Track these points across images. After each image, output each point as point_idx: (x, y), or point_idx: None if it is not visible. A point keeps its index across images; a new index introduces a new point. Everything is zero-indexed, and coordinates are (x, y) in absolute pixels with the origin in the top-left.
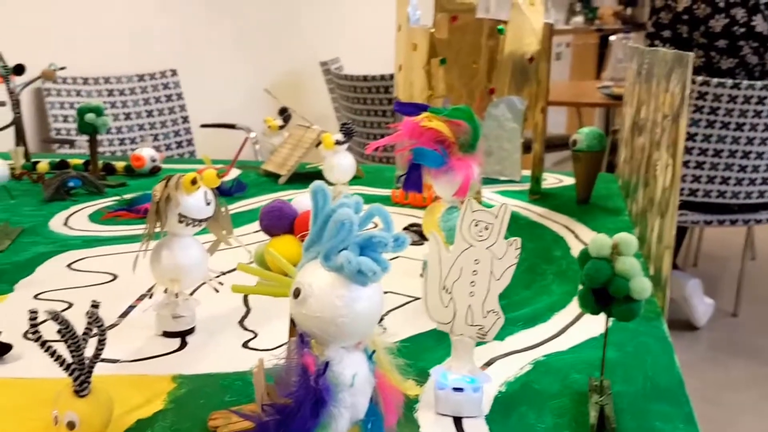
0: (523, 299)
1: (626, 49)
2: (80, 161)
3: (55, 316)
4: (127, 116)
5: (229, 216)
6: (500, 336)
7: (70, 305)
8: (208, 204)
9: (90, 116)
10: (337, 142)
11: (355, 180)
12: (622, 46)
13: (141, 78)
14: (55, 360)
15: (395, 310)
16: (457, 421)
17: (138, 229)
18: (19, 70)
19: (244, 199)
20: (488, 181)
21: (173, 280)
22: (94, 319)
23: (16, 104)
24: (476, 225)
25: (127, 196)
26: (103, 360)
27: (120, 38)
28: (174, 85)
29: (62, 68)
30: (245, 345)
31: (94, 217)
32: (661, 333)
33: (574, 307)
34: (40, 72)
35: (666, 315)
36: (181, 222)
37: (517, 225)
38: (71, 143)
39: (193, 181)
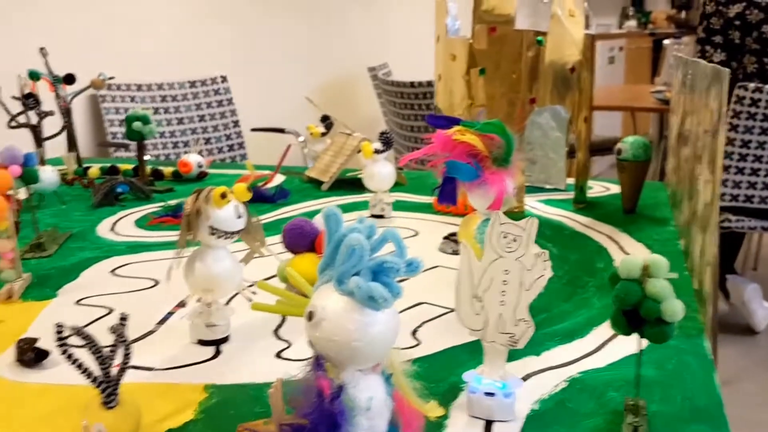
0: (562, 313)
1: (673, 57)
2: (130, 166)
3: (78, 331)
4: (180, 121)
5: (261, 227)
6: (536, 351)
7: (111, 311)
8: (239, 217)
9: (137, 124)
10: (376, 151)
11: (398, 187)
12: (674, 51)
13: (192, 84)
14: (82, 372)
15: (430, 322)
16: (489, 425)
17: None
18: (69, 79)
19: (287, 205)
20: (533, 189)
21: (206, 290)
22: (118, 335)
23: (67, 112)
24: (504, 237)
25: (172, 202)
26: (136, 368)
27: (172, 46)
28: (224, 90)
29: (111, 78)
30: (278, 355)
31: (140, 223)
32: (702, 351)
33: None
34: (89, 81)
35: (709, 331)
36: (212, 234)
37: (561, 235)
38: (125, 146)
39: (223, 195)
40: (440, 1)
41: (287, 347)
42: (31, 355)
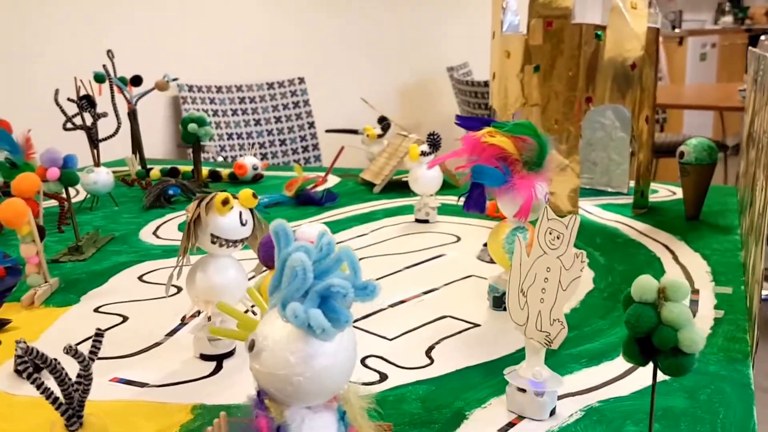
0: (594, 331)
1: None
2: (189, 168)
3: (30, 351)
4: (257, 122)
5: (269, 230)
6: (558, 374)
7: (125, 319)
8: (244, 224)
9: (192, 126)
10: (423, 153)
11: (450, 189)
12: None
13: (270, 86)
14: (42, 393)
15: (449, 339)
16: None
17: None
18: (136, 81)
19: (334, 208)
20: (593, 193)
21: (207, 301)
22: (74, 355)
23: (132, 114)
24: (550, 233)
25: None
26: (131, 383)
27: (252, 48)
28: (301, 92)
29: (175, 79)
30: None
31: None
32: (744, 379)
33: None
34: (154, 83)
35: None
36: (214, 243)
37: (612, 243)
38: (202, 148)
39: (225, 201)
40: None
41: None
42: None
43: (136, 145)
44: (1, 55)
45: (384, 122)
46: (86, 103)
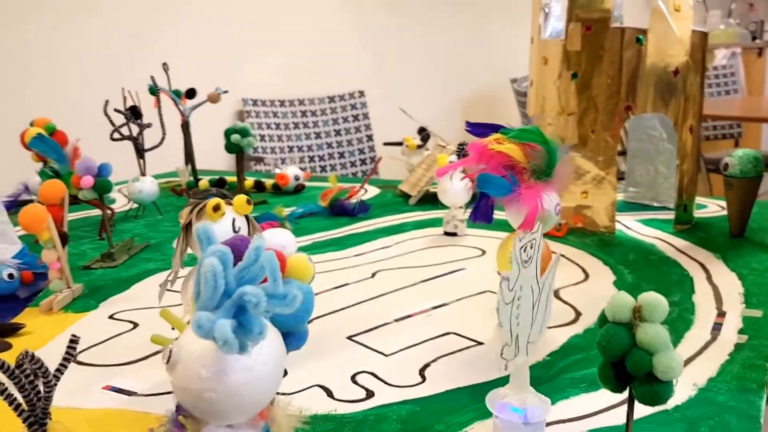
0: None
1: None
2: (235, 179)
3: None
4: (317, 135)
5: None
6: (553, 399)
7: (135, 326)
8: (237, 231)
9: (236, 137)
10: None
11: None
12: None
13: (331, 99)
14: (5, 399)
15: (448, 357)
16: None
17: None
18: (190, 93)
19: (367, 219)
20: (638, 207)
21: None
22: (32, 363)
23: (185, 126)
24: (525, 251)
25: (253, 215)
26: (120, 391)
27: (313, 62)
28: (361, 105)
29: (225, 92)
30: None
31: None
32: (754, 411)
33: None
34: (206, 96)
35: None
36: None
37: (645, 261)
38: (260, 160)
39: (215, 208)
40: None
41: (282, 376)
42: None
43: (189, 156)
44: (58, 67)
45: (423, 133)
46: (132, 114)
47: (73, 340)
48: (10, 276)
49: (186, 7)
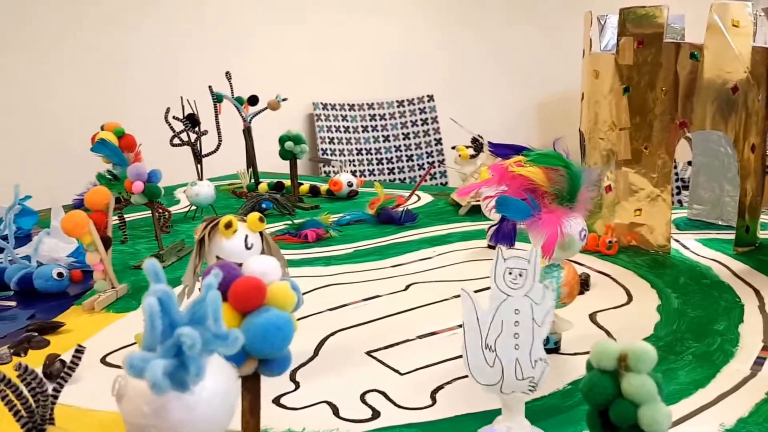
0: None
1: None
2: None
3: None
4: (386, 139)
5: (280, 254)
6: None
7: None
8: (249, 248)
9: (289, 144)
10: None
11: None
12: None
13: (400, 104)
14: (6, 404)
15: (461, 380)
16: None
17: (296, 254)
18: (253, 100)
19: (413, 228)
20: (702, 225)
21: None
22: (23, 373)
23: (247, 132)
24: (510, 273)
25: (298, 221)
26: None
27: (382, 66)
28: (430, 109)
29: (284, 99)
30: (276, 400)
31: None
32: None
33: (692, 401)
34: (266, 103)
35: None
36: None
37: (697, 285)
38: (328, 162)
39: (228, 225)
40: (588, 13)
41: (292, 391)
42: (52, 369)
43: (250, 160)
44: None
45: (477, 142)
46: (189, 122)
47: (79, 350)
48: (60, 275)
49: (255, 14)
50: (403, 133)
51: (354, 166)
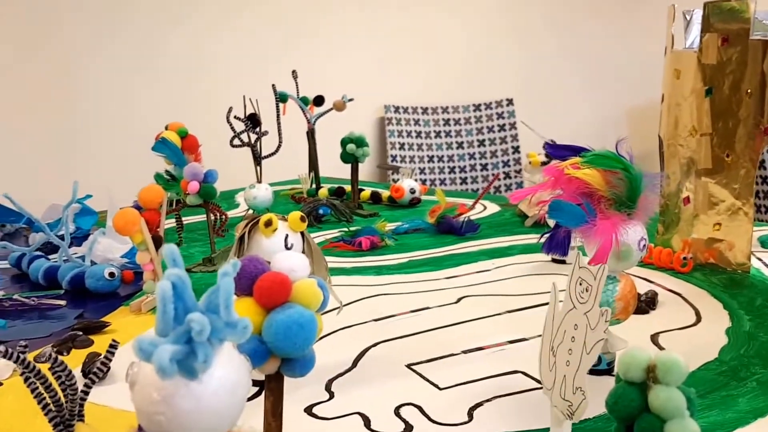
0: None
1: None
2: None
3: (9, 355)
4: (459, 145)
5: (321, 257)
6: None
7: None
8: (289, 248)
9: (351, 147)
10: None
11: None
12: None
13: (477, 107)
14: (35, 397)
15: (502, 398)
16: None
17: (348, 262)
18: (318, 101)
19: (475, 239)
20: None
21: None
22: (52, 364)
23: (311, 133)
24: (580, 284)
25: (353, 228)
26: None
27: (458, 68)
28: (508, 114)
29: (350, 100)
30: (308, 410)
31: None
32: None
33: (747, 431)
34: (332, 104)
35: None
36: None
37: None
38: (396, 169)
39: (268, 223)
40: (671, 6)
41: (327, 400)
42: (91, 367)
43: (312, 164)
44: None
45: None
46: (250, 122)
47: (113, 345)
48: (111, 275)
49: (325, 10)
50: (478, 140)
51: (425, 174)
